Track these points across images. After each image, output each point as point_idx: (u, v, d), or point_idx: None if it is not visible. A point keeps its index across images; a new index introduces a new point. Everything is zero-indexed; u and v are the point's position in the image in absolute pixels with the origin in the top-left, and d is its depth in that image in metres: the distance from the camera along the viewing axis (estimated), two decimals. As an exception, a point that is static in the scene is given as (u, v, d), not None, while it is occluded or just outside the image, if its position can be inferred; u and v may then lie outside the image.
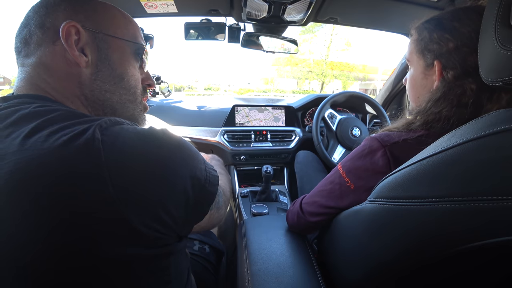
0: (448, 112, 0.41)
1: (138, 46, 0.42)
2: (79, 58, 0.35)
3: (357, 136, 1.16)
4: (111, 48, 0.38)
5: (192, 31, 1.05)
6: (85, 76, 0.36)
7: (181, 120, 1.29)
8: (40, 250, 0.24)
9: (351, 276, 0.44)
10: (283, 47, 1.15)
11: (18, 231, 0.24)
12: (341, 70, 16.67)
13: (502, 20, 0.29)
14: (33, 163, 0.25)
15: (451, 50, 0.42)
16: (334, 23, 1.12)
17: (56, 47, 0.35)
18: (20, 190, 0.24)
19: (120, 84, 0.40)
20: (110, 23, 0.38)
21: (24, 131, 0.27)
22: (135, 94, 0.42)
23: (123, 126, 0.30)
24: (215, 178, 0.38)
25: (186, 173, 0.32)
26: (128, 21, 0.41)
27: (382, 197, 0.36)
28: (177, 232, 0.33)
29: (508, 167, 0.24)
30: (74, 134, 0.26)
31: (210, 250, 0.69)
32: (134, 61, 0.42)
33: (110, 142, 0.27)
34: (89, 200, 0.25)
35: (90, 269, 0.26)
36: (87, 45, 0.36)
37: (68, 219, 0.24)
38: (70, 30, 0.34)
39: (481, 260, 0.30)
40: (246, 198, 1.04)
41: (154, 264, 0.30)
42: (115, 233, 0.26)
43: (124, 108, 0.41)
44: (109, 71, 0.38)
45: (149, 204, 0.28)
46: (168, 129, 0.33)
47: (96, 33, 0.37)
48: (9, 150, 0.25)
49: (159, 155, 0.30)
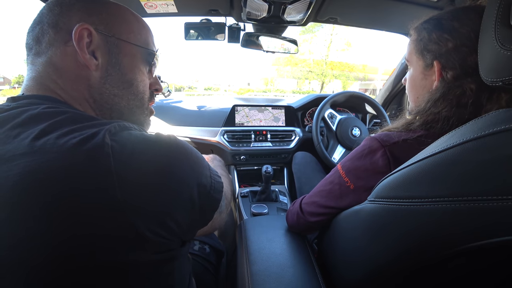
0: (448, 112, 0.41)
1: (150, 52, 0.42)
2: (89, 61, 0.35)
3: (357, 136, 1.16)
4: (122, 53, 0.38)
5: (192, 31, 1.05)
6: (95, 79, 0.36)
7: (181, 120, 1.29)
8: (50, 254, 0.24)
9: (351, 276, 0.44)
10: (283, 47, 1.15)
11: (28, 235, 0.24)
12: (341, 70, 16.68)
13: (502, 20, 0.29)
14: (43, 166, 0.24)
15: (451, 50, 0.42)
16: (334, 23, 1.12)
17: (68, 48, 0.35)
18: (30, 192, 0.24)
19: (129, 89, 0.40)
20: (123, 27, 0.38)
21: (33, 132, 0.26)
22: (142, 100, 0.43)
23: (132, 132, 0.30)
24: (219, 184, 0.38)
25: (192, 180, 0.32)
26: (141, 25, 0.41)
27: (382, 197, 0.36)
28: (181, 237, 0.33)
29: (508, 167, 0.24)
30: (84, 138, 0.26)
31: (210, 250, 0.69)
32: (144, 66, 0.42)
33: (119, 148, 0.27)
34: (96, 205, 0.25)
35: (94, 273, 0.26)
36: (98, 48, 0.36)
37: (76, 223, 0.24)
38: (82, 33, 0.34)
39: (481, 260, 0.30)
40: (246, 198, 1.04)
41: (158, 269, 0.30)
42: (121, 238, 0.26)
43: (131, 113, 0.41)
44: (119, 76, 0.38)
45: (155, 211, 0.28)
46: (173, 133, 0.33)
47: (108, 36, 0.37)
48: (18, 152, 0.25)
49: (167, 163, 0.30)
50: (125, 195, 0.26)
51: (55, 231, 0.24)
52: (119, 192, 0.25)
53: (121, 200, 0.25)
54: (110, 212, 0.25)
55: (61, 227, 0.24)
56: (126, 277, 0.27)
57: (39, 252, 0.24)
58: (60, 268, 0.25)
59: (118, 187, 0.25)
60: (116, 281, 0.27)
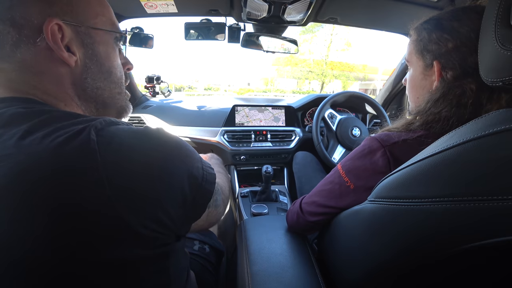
0: (448, 112, 0.41)
1: (120, 34, 0.40)
2: (68, 59, 0.33)
3: (357, 136, 1.16)
4: (96, 42, 0.36)
5: (192, 31, 1.05)
6: (75, 75, 0.35)
7: (181, 120, 1.29)
8: (39, 252, 0.24)
9: (351, 276, 0.44)
10: (283, 47, 1.15)
11: (17, 234, 0.24)
12: (341, 70, 16.67)
13: (502, 20, 0.29)
14: (31, 167, 0.24)
15: (450, 50, 0.42)
16: (334, 23, 1.12)
17: (39, 47, 0.31)
18: (17, 192, 0.24)
19: (109, 78, 0.39)
20: (88, 12, 0.35)
21: (17, 132, 0.26)
22: (122, 85, 0.42)
23: (119, 126, 0.30)
24: (212, 176, 0.38)
25: (183, 172, 0.32)
26: (102, 5, 0.38)
27: (382, 197, 0.36)
28: (175, 232, 0.32)
29: (508, 167, 0.24)
30: (69, 135, 0.26)
31: (210, 250, 0.69)
32: (115, 49, 0.40)
33: (106, 143, 0.27)
34: (86, 201, 0.25)
35: (88, 271, 0.26)
36: (71, 42, 0.33)
37: (65, 221, 0.24)
38: (54, 29, 0.31)
39: (481, 259, 0.30)
40: (246, 198, 1.04)
41: (154, 264, 0.30)
42: (113, 234, 0.26)
43: (114, 100, 0.41)
44: (98, 67, 0.37)
45: (146, 204, 0.28)
46: (165, 128, 0.33)
47: (78, 27, 0.34)
48: (3, 152, 0.25)
49: (156, 155, 0.30)
50: (114, 190, 0.25)
51: (43, 230, 0.24)
52: (108, 188, 0.25)
53: (111, 196, 0.25)
54: (100, 208, 0.25)
55: (50, 225, 0.24)
56: (123, 274, 0.27)
57: (27, 250, 0.24)
58: (54, 268, 0.24)
59: (107, 182, 0.25)
60: (110, 278, 0.27)
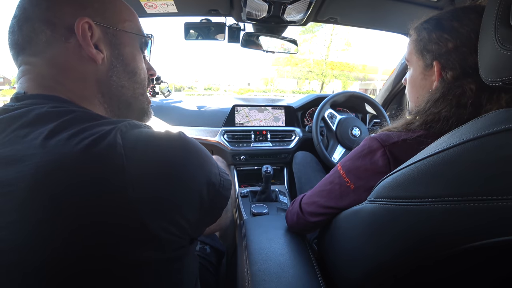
0: (447, 112, 0.41)
1: (145, 38, 0.42)
2: (96, 55, 0.35)
3: (357, 136, 1.16)
4: (123, 44, 0.38)
5: (192, 31, 1.05)
6: (102, 73, 0.37)
7: (181, 120, 1.29)
8: (60, 253, 0.24)
9: (351, 276, 0.44)
10: (283, 47, 1.15)
11: (40, 234, 0.24)
12: (341, 70, 16.66)
13: (502, 20, 0.29)
14: (56, 167, 0.24)
15: (450, 50, 0.42)
16: (334, 23, 1.12)
17: (69, 45, 0.34)
18: (43, 193, 0.24)
19: (134, 78, 0.41)
20: (118, 17, 0.38)
21: (43, 132, 0.26)
22: (145, 87, 0.44)
23: (142, 129, 0.30)
24: (228, 182, 0.38)
25: (202, 178, 0.33)
26: (131, 12, 0.41)
27: (382, 197, 0.36)
28: (190, 235, 0.33)
29: (508, 167, 0.24)
30: (96, 138, 0.26)
31: (210, 250, 0.69)
32: (141, 53, 0.42)
33: (131, 147, 0.27)
34: (110, 205, 0.25)
35: (106, 272, 0.26)
36: (100, 41, 0.36)
37: (88, 224, 0.24)
38: (84, 27, 0.33)
39: (481, 259, 0.30)
40: (246, 198, 1.04)
41: (168, 266, 0.30)
42: (133, 237, 0.26)
43: (137, 101, 0.42)
44: (123, 66, 0.39)
45: (166, 209, 0.28)
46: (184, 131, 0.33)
47: (107, 28, 0.36)
48: (28, 152, 0.25)
49: (177, 161, 0.30)
50: (137, 194, 0.25)
51: (65, 231, 0.24)
52: (131, 192, 0.25)
53: (133, 200, 0.25)
54: (122, 212, 0.25)
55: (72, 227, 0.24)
56: (136, 276, 0.27)
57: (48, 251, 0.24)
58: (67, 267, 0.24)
59: (130, 186, 0.25)
60: (126, 280, 0.27)
